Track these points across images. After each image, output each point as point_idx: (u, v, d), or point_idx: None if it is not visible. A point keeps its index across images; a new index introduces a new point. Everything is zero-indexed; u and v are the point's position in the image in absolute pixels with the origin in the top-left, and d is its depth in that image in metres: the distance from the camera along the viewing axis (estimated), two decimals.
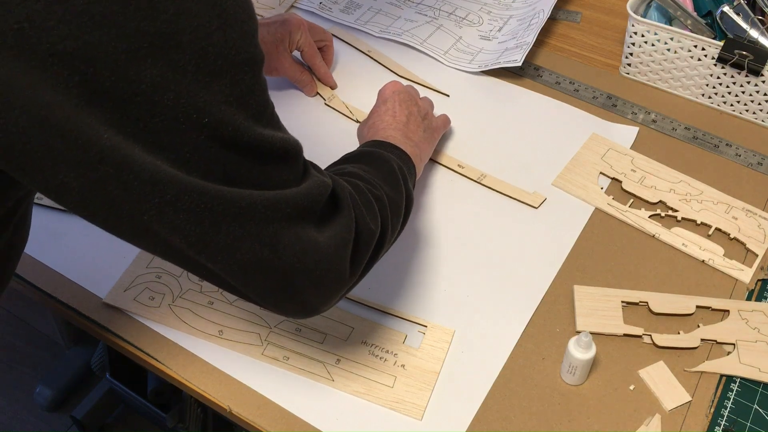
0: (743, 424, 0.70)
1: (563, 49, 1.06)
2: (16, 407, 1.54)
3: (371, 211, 0.59)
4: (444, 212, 0.86)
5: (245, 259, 0.50)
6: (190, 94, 0.44)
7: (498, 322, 0.76)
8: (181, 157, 0.45)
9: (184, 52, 0.43)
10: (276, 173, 0.50)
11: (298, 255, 0.51)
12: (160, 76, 0.43)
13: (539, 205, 0.86)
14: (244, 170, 0.48)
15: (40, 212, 0.84)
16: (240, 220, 0.48)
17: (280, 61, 0.94)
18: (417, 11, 1.11)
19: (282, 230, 0.50)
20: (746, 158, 0.92)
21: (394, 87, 0.85)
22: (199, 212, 0.46)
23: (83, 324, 0.77)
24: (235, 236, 0.48)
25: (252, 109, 0.48)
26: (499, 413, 0.70)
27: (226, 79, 0.45)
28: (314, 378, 0.72)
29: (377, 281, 0.79)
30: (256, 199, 0.48)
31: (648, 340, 0.75)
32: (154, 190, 0.45)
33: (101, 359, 1.38)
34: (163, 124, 0.44)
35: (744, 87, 0.93)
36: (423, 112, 0.85)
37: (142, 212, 0.46)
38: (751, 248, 0.82)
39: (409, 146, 0.77)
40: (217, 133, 0.46)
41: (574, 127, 0.95)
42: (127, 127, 0.43)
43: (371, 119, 0.83)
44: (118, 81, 0.42)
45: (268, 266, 0.51)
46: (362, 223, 0.57)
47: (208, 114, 0.45)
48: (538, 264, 0.81)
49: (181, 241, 0.48)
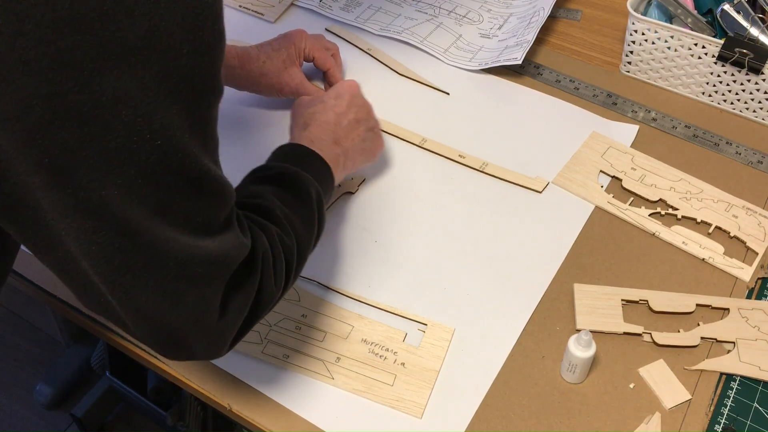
0: (743, 423, 0.70)
1: (563, 47, 1.06)
2: (16, 405, 1.54)
3: (279, 273, 0.58)
4: (443, 211, 0.86)
5: (144, 306, 0.49)
6: (147, 114, 0.43)
7: (498, 321, 0.76)
8: (126, 180, 0.44)
9: (151, 68, 0.42)
10: (206, 210, 0.49)
11: (196, 314, 0.51)
12: (122, 90, 0.42)
13: (543, 190, 0.87)
14: (179, 200, 0.47)
15: None
16: (150, 269, 0.48)
17: (292, 78, 0.91)
18: (417, 9, 1.11)
19: (188, 289, 0.50)
20: (746, 156, 0.92)
21: (351, 87, 0.83)
22: (113, 251, 0.46)
23: (83, 322, 0.77)
24: (140, 282, 0.48)
25: (203, 140, 0.48)
26: (498, 411, 0.70)
27: (185, 104, 0.45)
28: (314, 376, 0.72)
29: (377, 280, 0.79)
30: (171, 250, 0.48)
31: (648, 338, 0.75)
32: (76, 214, 0.44)
33: (101, 357, 1.38)
34: (116, 141, 0.43)
35: (744, 85, 0.93)
36: (370, 124, 0.83)
37: (60, 230, 0.45)
38: (751, 246, 0.82)
39: (332, 152, 0.75)
40: (166, 157, 0.45)
41: (574, 125, 0.95)
42: (82, 145, 0.42)
43: (315, 106, 0.80)
44: (81, 91, 0.41)
45: (164, 319, 0.50)
46: (267, 289, 0.56)
47: (162, 137, 0.44)
48: (538, 262, 0.81)
49: (89, 267, 0.47)
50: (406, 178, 0.89)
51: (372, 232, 0.83)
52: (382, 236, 0.83)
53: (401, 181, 0.89)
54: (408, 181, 0.89)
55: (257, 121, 0.95)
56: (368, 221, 0.84)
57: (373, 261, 0.81)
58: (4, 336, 1.65)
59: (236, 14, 1.10)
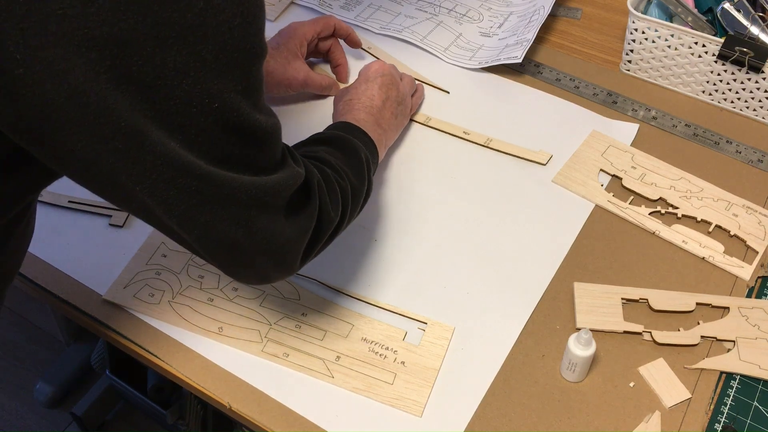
0: (743, 421, 0.70)
1: (564, 45, 1.06)
2: (16, 404, 1.54)
3: (335, 201, 0.64)
4: (443, 210, 0.86)
5: (220, 236, 0.54)
6: (206, 81, 0.47)
7: (498, 319, 0.76)
8: (188, 138, 0.49)
9: (208, 43, 0.46)
10: (263, 157, 0.54)
11: (267, 239, 0.56)
12: (183, 64, 0.46)
13: (547, 162, 0.89)
14: (237, 151, 0.52)
15: (40, 209, 0.84)
16: (224, 203, 0.52)
17: (298, 71, 0.92)
18: (417, 8, 1.11)
19: (257, 215, 0.55)
20: (747, 155, 0.92)
21: (380, 68, 0.88)
22: (189, 192, 0.51)
23: (83, 321, 0.77)
24: (215, 216, 0.53)
25: (254, 98, 0.52)
26: (498, 410, 0.70)
27: (239, 70, 0.49)
28: (314, 375, 0.72)
29: (377, 278, 0.79)
30: (240, 184, 0.52)
31: (648, 337, 0.75)
32: (155, 167, 0.48)
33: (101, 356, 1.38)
34: (178, 107, 0.47)
35: (744, 84, 0.93)
36: (401, 97, 0.88)
37: (136, 184, 0.49)
38: (752, 245, 0.82)
39: (376, 132, 0.81)
40: (224, 117, 0.49)
41: (574, 124, 0.95)
42: (147, 109, 0.46)
43: (349, 94, 0.85)
44: (144, 65, 0.45)
45: (239, 245, 0.55)
46: (325, 212, 0.62)
47: (219, 100, 0.49)
48: (538, 261, 0.81)
49: (164, 212, 0.52)
50: (406, 176, 0.89)
51: (372, 230, 0.83)
52: (382, 235, 0.83)
53: (401, 180, 0.89)
54: (408, 180, 0.89)
55: None
56: (368, 220, 0.84)
57: (373, 260, 0.81)
58: (4, 335, 1.65)
59: None
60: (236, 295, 0.77)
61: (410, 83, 0.93)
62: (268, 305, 0.77)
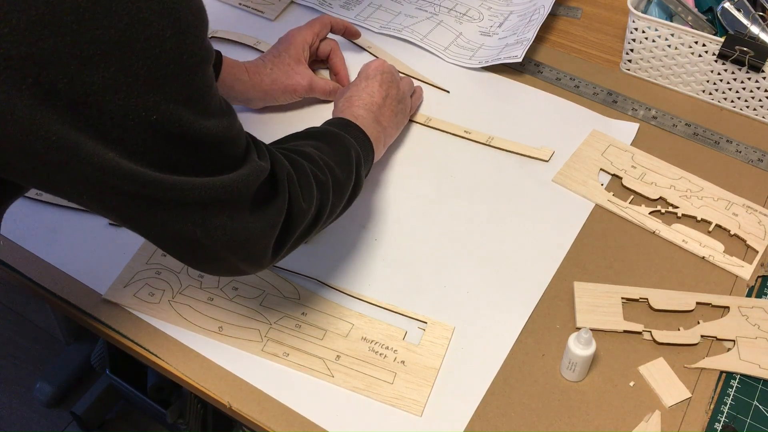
0: (743, 421, 0.70)
1: (564, 45, 1.06)
2: (15, 403, 1.54)
3: (308, 193, 0.63)
4: (443, 209, 0.86)
5: (177, 236, 0.54)
6: (140, 95, 0.46)
7: (498, 319, 0.76)
8: (128, 149, 0.48)
9: (138, 58, 0.46)
10: (217, 160, 0.53)
11: (227, 235, 0.55)
12: (112, 80, 0.45)
13: (549, 158, 0.89)
14: (187, 159, 0.51)
15: (40, 209, 0.84)
16: (177, 205, 0.52)
17: (302, 76, 0.92)
18: (417, 7, 1.10)
19: (215, 214, 0.54)
20: (747, 155, 0.92)
21: (379, 66, 0.88)
22: (138, 198, 0.50)
23: (83, 320, 0.77)
24: (170, 217, 0.53)
25: (200, 104, 0.51)
26: (498, 410, 0.70)
27: (177, 81, 0.48)
28: (314, 374, 0.72)
29: (377, 278, 0.79)
30: (192, 185, 0.52)
31: (648, 336, 0.75)
32: (96, 177, 0.48)
33: (101, 355, 1.38)
34: (114, 120, 0.46)
35: (745, 83, 0.93)
36: (400, 96, 0.88)
37: (81, 193, 0.50)
38: (752, 245, 0.82)
39: (375, 129, 0.81)
40: (164, 128, 0.48)
41: (574, 123, 0.95)
42: (78, 123, 0.46)
43: (349, 91, 0.85)
44: (70, 83, 0.44)
45: (198, 243, 0.55)
46: (296, 204, 0.61)
47: (157, 112, 0.48)
48: (538, 260, 0.81)
49: (116, 218, 0.53)
50: (406, 176, 0.89)
51: (372, 230, 0.83)
52: (382, 234, 0.83)
53: (401, 180, 0.89)
54: (408, 180, 0.89)
55: (276, 121, 0.95)
56: (368, 219, 0.84)
57: (373, 259, 0.81)
58: (3, 334, 1.65)
59: (236, 12, 1.10)
60: (236, 294, 0.77)
61: (409, 84, 0.93)
62: (268, 304, 0.77)
